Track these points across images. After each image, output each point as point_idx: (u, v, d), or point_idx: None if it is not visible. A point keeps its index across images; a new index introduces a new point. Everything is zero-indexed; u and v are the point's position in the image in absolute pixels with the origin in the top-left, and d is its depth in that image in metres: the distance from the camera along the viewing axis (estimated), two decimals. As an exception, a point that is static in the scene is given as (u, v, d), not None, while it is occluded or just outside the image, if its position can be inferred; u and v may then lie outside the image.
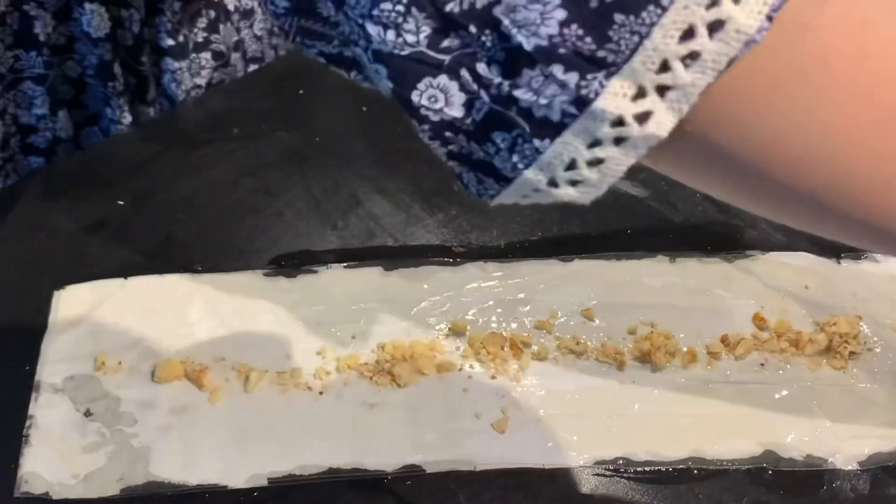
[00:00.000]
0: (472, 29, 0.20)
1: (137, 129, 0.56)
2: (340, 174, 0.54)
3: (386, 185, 0.54)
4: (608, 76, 0.20)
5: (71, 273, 0.48)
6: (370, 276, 0.48)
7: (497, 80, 0.20)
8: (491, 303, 0.47)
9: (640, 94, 0.20)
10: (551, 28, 0.19)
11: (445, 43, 0.21)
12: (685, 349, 0.46)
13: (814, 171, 0.22)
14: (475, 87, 0.21)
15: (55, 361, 0.44)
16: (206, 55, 0.57)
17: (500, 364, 0.45)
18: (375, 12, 0.21)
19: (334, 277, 0.48)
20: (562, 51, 0.20)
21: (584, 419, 0.43)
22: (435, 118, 0.22)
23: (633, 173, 0.21)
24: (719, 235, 0.52)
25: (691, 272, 0.49)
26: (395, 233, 0.51)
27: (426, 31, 0.21)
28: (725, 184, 0.24)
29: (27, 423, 0.41)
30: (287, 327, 0.46)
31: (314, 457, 0.41)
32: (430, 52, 0.21)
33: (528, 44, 0.20)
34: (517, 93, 0.20)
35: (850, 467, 0.41)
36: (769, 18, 0.19)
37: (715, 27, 0.19)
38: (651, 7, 0.19)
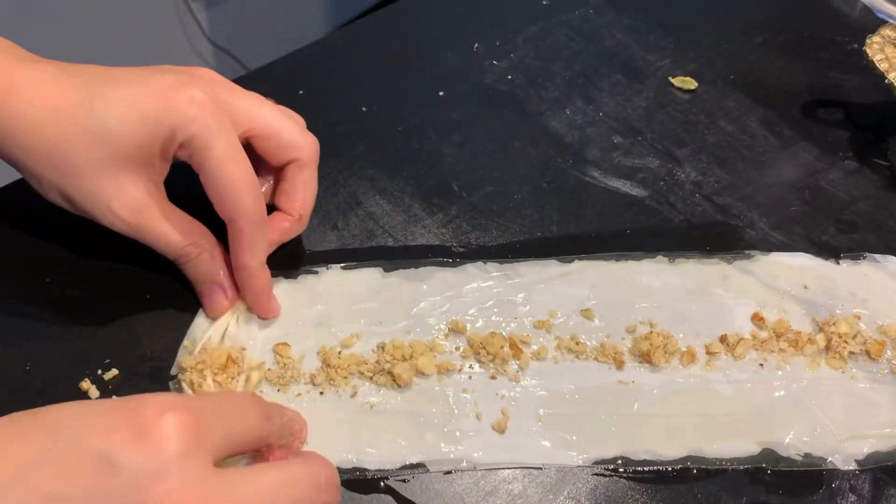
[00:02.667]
0: None
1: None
2: (340, 174, 0.54)
3: (386, 185, 0.54)
4: None
5: (71, 273, 0.48)
6: (370, 277, 0.48)
7: None
8: (490, 303, 0.47)
9: None
10: None
11: None
12: (684, 349, 0.46)
13: None
14: None
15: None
16: None
17: (499, 364, 0.45)
18: None
19: (334, 277, 0.48)
20: None
21: (583, 419, 0.43)
22: None
23: (634, 173, 0.21)
24: (719, 235, 0.52)
25: (691, 272, 0.49)
26: (395, 233, 0.51)
27: None
28: None
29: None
30: (287, 327, 0.46)
31: (314, 456, 0.41)
32: None
33: None
34: None
35: (849, 467, 0.42)
36: None
37: None
38: None
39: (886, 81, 0.54)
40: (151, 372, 0.44)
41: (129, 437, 0.29)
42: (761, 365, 0.45)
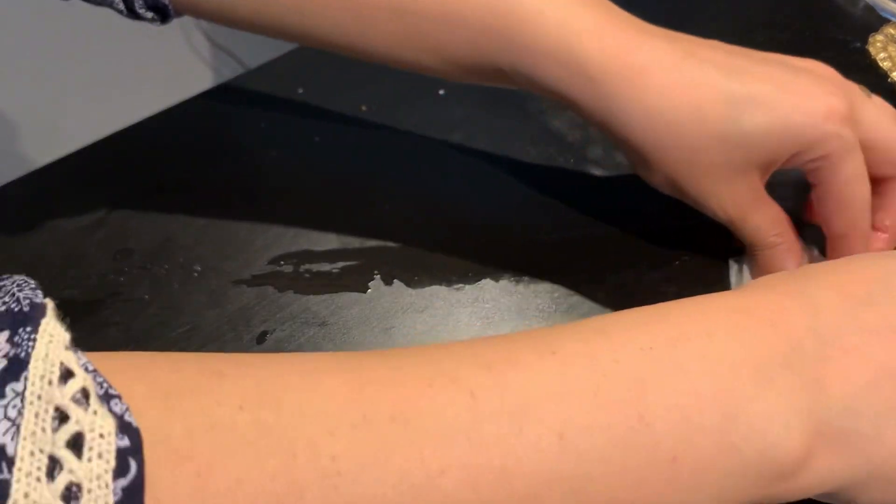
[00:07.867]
0: None
1: (136, 130, 0.56)
2: (340, 174, 0.54)
3: (386, 184, 0.54)
4: None
5: (71, 273, 0.48)
6: (370, 277, 0.48)
7: None
8: (491, 303, 0.47)
9: None
10: None
11: None
12: (686, 350, 0.45)
13: None
14: None
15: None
16: None
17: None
18: None
19: (334, 277, 0.48)
20: None
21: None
22: None
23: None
24: (719, 235, 0.51)
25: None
26: (396, 233, 0.51)
27: None
28: None
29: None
30: (287, 328, 0.46)
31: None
32: None
33: None
34: None
35: (851, 468, 0.41)
36: None
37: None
38: None
39: (889, 81, 0.54)
40: (151, 373, 0.44)
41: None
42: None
